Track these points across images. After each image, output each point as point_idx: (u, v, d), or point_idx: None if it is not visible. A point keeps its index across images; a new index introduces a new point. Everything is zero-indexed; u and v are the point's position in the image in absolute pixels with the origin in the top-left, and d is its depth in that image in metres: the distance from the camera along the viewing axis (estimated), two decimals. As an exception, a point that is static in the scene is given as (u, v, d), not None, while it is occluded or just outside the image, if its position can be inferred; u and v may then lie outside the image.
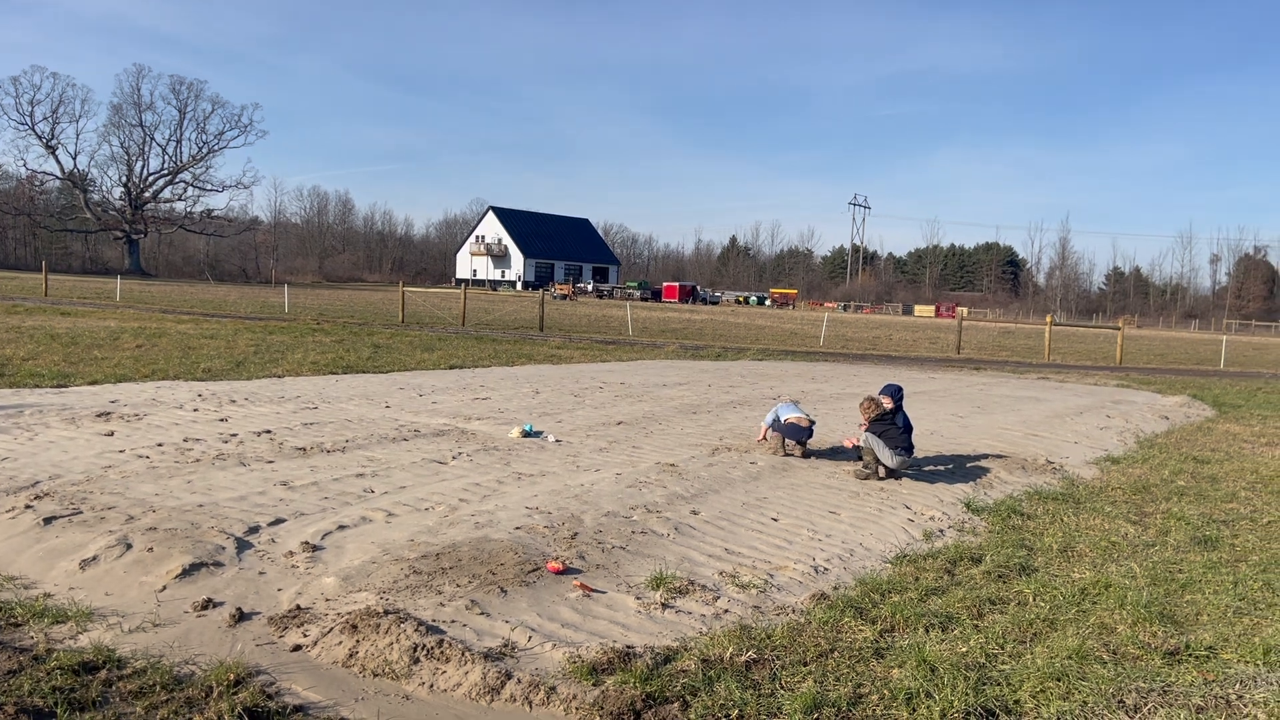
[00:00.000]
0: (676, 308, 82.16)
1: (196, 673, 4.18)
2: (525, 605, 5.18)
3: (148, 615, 4.82)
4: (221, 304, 41.41)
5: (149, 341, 19.60)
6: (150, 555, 5.61)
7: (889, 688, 4.27)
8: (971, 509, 8.12)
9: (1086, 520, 7.90)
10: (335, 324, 29.58)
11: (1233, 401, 18.68)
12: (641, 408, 13.40)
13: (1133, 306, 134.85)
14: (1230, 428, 14.51)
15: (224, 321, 28.37)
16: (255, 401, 11.92)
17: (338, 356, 18.58)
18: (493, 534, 6.39)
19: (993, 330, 58.89)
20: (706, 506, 7.64)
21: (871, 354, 30.44)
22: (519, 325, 35.03)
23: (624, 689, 4.10)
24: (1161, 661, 4.74)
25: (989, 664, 4.62)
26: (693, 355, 25.12)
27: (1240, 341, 62.46)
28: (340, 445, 9.33)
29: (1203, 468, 10.68)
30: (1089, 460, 11.04)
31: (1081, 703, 4.17)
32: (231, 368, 15.66)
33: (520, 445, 9.92)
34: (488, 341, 25.57)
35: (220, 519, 6.43)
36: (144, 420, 10.11)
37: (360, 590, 5.24)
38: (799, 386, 17.76)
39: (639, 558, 6.21)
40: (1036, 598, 5.72)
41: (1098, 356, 34.17)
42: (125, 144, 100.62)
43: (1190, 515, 8.16)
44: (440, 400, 13.07)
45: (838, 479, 9.02)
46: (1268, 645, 4.92)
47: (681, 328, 41.14)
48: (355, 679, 4.27)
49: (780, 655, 4.62)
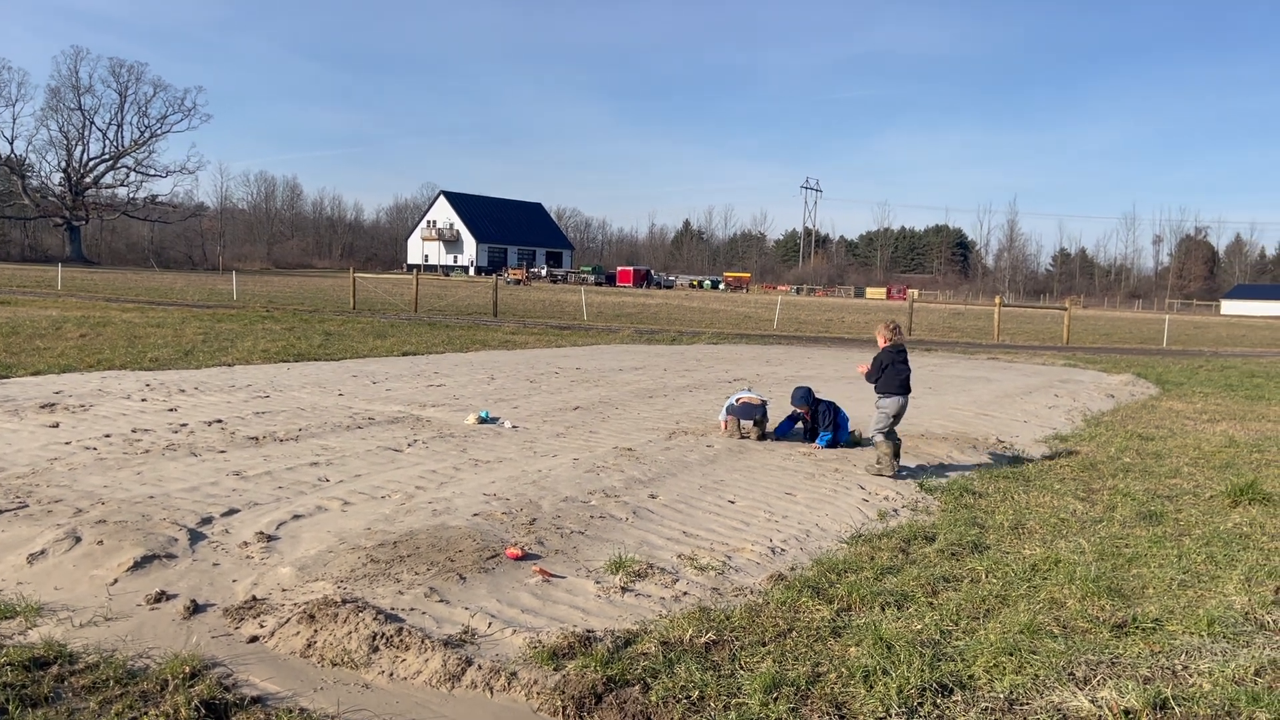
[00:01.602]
0: (631, 292, 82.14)
1: (151, 666, 4.12)
2: (485, 592, 5.17)
3: (99, 609, 4.74)
4: (168, 292, 40.64)
5: (93, 331, 19.18)
6: (100, 548, 5.51)
7: (846, 666, 4.33)
8: (925, 488, 8.24)
9: (1036, 498, 8.05)
10: (285, 311, 29.17)
11: (1175, 379, 19.12)
12: (598, 392, 13.39)
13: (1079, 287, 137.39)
14: (1173, 405, 14.86)
15: (171, 310, 27.84)
16: (205, 391, 11.73)
17: (288, 344, 18.34)
18: (450, 521, 6.36)
19: (943, 312, 59.64)
20: (664, 490, 7.67)
21: (825, 336, 30.69)
22: (472, 311, 34.81)
23: (585, 673, 4.11)
24: (1110, 634, 4.86)
25: (944, 640, 4.70)
26: (648, 340, 25.15)
27: (1182, 320, 63.90)
28: (293, 434, 9.22)
29: (1147, 444, 10.92)
30: (1038, 438, 11.25)
31: (1033, 676, 4.27)
32: (180, 356, 15.39)
33: (476, 432, 9.87)
34: (441, 328, 25.38)
35: (172, 510, 6.33)
36: (90, 411, 9.91)
37: (317, 580, 5.19)
38: (754, 369, 17.87)
39: (598, 542, 6.22)
40: (989, 575, 5.83)
41: (1045, 336, 34.76)
42: (64, 128, 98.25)
43: (1136, 491, 8.36)
44: (394, 387, 12.96)
45: (793, 460, 9.09)
46: (1211, 616, 5.05)
47: (636, 312, 41.15)
48: (314, 669, 4.24)
49: (739, 636, 4.66)
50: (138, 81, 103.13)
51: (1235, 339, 41.03)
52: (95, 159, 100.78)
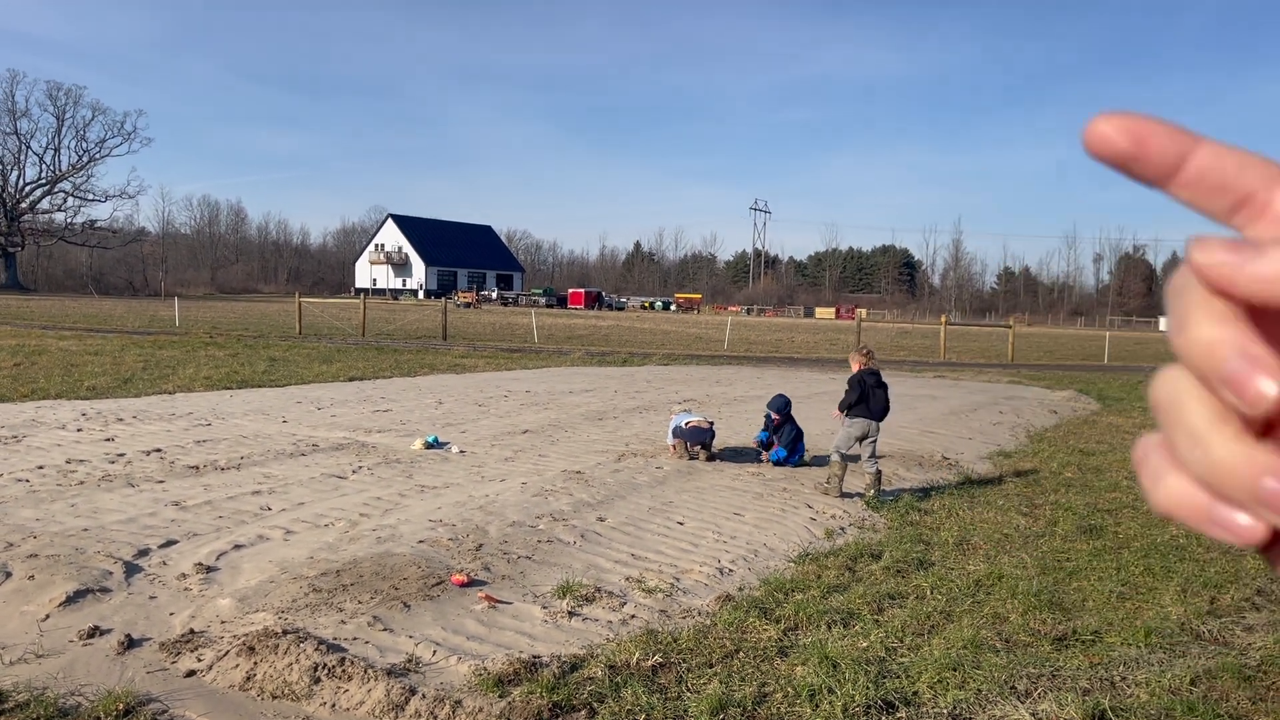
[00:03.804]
0: (582, 314, 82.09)
1: (83, 704, 4.00)
2: (429, 619, 5.11)
3: (30, 646, 4.60)
4: (107, 319, 39.79)
5: (28, 359, 18.71)
6: (31, 583, 5.36)
7: (793, 685, 4.34)
8: (871, 507, 8.31)
9: (981, 514, 8.16)
10: (229, 337, 28.71)
11: (1116, 395, 19.54)
12: (547, 415, 13.35)
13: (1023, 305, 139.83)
14: (1114, 420, 15.18)
15: (110, 337, 27.27)
16: (144, 419, 11.49)
17: (232, 371, 18.04)
18: (395, 548, 6.28)
19: (891, 331, 60.38)
20: (613, 513, 7.65)
21: (775, 357, 30.91)
22: (421, 335, 34.54)
23: (530, 699, 4.07)
24: (1051, 647, 4.93)
25: (889, 657, 4.74)
26: (599, 361, 25.13)
27: (1123, 337, 65.32)
28: (235, 462, 9.06)
29: (1088, 459, 11.14)
30: (983, 455, 11.41)
31: (976, 690, 4.31)
32: (118, 385, 15.07)
33: (423, 457, 9.78)
34: (389, 352, 25.15)
35: (107, 543, 6.18)
36: (22, 442, 9.65)
37: (258, 611, 5.09)
38: (704, 390, 17.93)
39: (545, 567, 6.18)
40: (934, 591, 5.89)
41: (991, 354, 35.34)
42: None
43: (1077, 505, 8.51)
44: (339, 413, 12.80)
45: (742, 480, 9.13)
46: (1149, 628, 5.15)
47: (588, 334, 41.13)
48: (253, 702, 4.15)
49: (686, 658, 4.66)
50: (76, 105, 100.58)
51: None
52: (31, 184, 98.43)
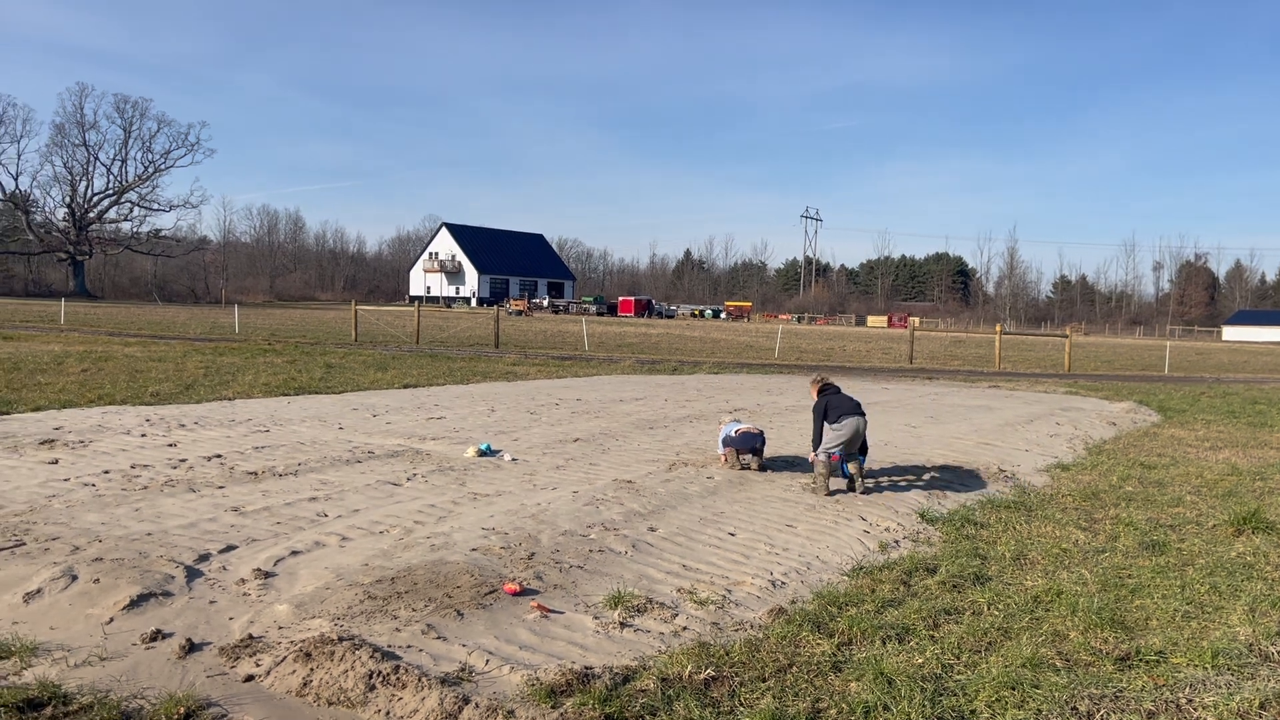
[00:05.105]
0: (632, 322, 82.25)
1: (145, 707, 4.09)
2: (482, 628, 5.14)
3: (94, 648, 4.71)
4: (170, 325, 40.72)
5: (95, 365, 19.20)
6: (96, 587, 5.48)
7: (847, 701, 4.29)
8: (926, 519, 8.20)
9: (1038, 528, 8.01)
10: (287, 344, 29.20)
11: (1177, 406, 19.09)
12: (598, 424, 13.38)
13: (1079, 314, 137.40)
14: (1175, 432, 14.82)
15: (173, 343, 27.89)
16: (205, 425, 11.72)
17: (289, 377, 18.34)
18: (449, 556, 6.33)
19: (944, 340, 59.67)
20: (664, 523, 7.64)
21: (826, 365, 30.68)
22: (474, 342, 34.84)
23: (583, 711, 4.07)
24: (1113, 667, 4.81)
25: (945, 675, 4.66)
26: (649, 370, 25.15)
27: (1184, 347, 63.88)
28: (293, 469, 9.21)
29: (1150, 473, 10.88)
30: (1040, 468, 11.21)
31: (1036, 710, 4.22)
32: (181, 391, 15.40)
33: (476, 465, 9.85)
34: (442, 359, 25.40)
35: (169, 547, 6.31)
36: (89, 447, 9.90)
37: (314, 617, 5.16)
38: (754, 399, 17.85)
39: (597, 576, 6.18)
40: (991, 607, 5.79)
41: (1046, 364, 34.74)
42: (68, 164, 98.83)
43: (1138, 520, 8.31)
44: (394, 420, 12.95)
45: (794, 492, 9.06)
46: (1215, 648, 5.01)
47: (637, 342, 41.18)
48: (310, 708, 4.20)
49: (739, 672, 4.63)
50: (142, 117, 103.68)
51: (1237, 365, 41.00)
52: (99, 194, 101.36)
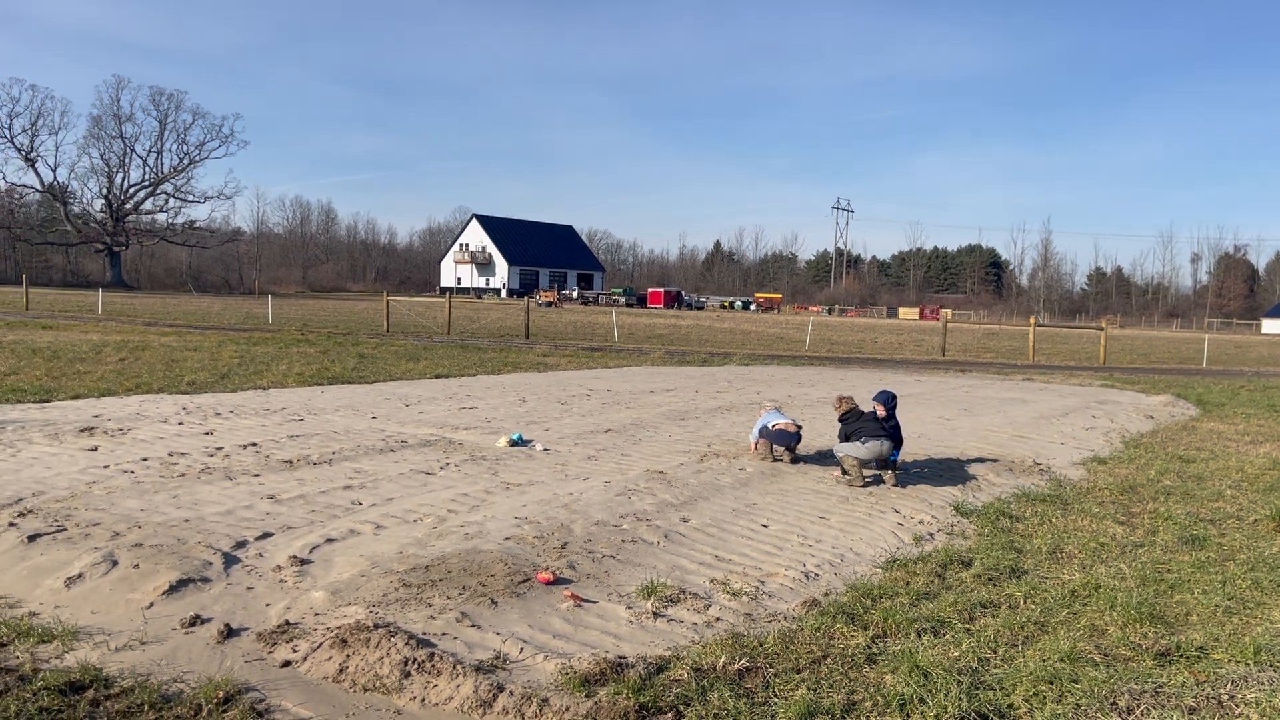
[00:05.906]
0: (662, 313, 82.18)
1: (185, 691, 4.13)
2: (516, 616, 5.15)
3: (134, 633, 4.78)
4: (205, 315, 41.20)
5: (132, 355, 19.46)
6: (136, 572, 5.56)
7: (882, 694, 4.26)
8: (960, 512, 8.13)
9: (1075, 521, 7.92)
10: (320, 334, 29.45)
11: (1216, 400, 18.80)
12: (629, 415, 13.38)
13: (1115, 306, 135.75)
14: (1214, 426, 14.60)
15: (208, 333, 28.21)
16: (240, 414, 11.84)
17: (323, 367, 18.50)
18: (482, 545, 6.36)
19: (977, 332, 59.14)
20: (696, 514, 7.62)
21: (857, 357, 30.51)
22: (504, 333, 34.96)
23: (617, 700, 4.07)
24: (1153, 662, 4.75)
25: (981, 668, 4.62)
26: (679, 361, 25.12)
27: (1222, 340, 62.95)
28: (327, 457, 9.28)
29: (1188, 467, 10.73)
30: (1076, 461, 11.08)
31: (1074, 705, 4.18)
32: (216, 380, 15.57)
33: (508, 454, 9.88)
34: (473, 350, 25.51)
35: (207, 534, 6.38)
36: (128, 435, 10.03)
37: (349, 604, 5.20)
38: (785, 391, 17.78)
39: (629, 566, 6.19)
40: (1027, 600, 5.73)
41: (1081, 357, 34.35)
42: (105, 155, 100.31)
43: (1177, 515, 8.20)
44: (427, 410, 13.02)
45: (826, 484, 9.02)
46: (1258, 644, 4.93)
47: (667, 333, 41.16)
48: (346, 694, 4.24)
49: (773, 663, 4.61)
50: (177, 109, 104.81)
51: (1277, 359, 40.32)
52: (135, 185, 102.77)
